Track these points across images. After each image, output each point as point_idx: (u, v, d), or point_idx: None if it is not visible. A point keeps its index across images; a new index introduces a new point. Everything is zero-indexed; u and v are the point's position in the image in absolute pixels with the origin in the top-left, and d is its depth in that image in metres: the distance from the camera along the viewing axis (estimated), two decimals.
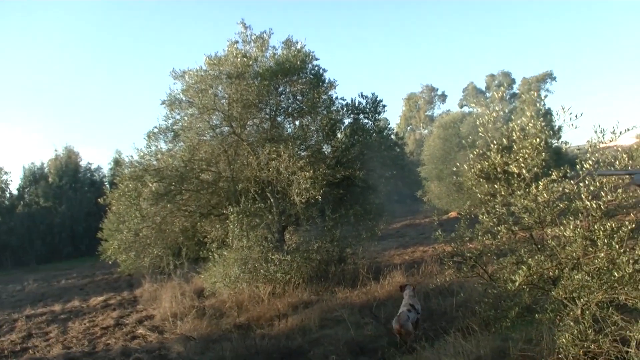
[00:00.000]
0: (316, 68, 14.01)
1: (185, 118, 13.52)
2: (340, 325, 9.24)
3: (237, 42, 13.47)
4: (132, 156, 13.71)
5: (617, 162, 5.73)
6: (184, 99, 13.36)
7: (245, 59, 12.84)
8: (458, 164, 6.91)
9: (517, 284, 5.44)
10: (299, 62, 13.41)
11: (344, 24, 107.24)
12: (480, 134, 6.39)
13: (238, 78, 12.65)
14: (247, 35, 13.61)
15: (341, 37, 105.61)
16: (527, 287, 5.98)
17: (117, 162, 31.38)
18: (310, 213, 13.25)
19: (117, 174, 17.36)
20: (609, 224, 5.49)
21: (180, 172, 12.95)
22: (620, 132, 5.92)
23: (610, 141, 6.02)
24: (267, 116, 14.05)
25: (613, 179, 5.74)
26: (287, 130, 14.44)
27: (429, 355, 6.31)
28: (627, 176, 5.68)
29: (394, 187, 17.58)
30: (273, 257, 12.45)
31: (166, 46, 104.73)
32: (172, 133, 13.54)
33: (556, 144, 29.75)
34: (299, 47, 13.72)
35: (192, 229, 14.45)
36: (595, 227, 5.53)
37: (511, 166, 6.11)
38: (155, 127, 13.37)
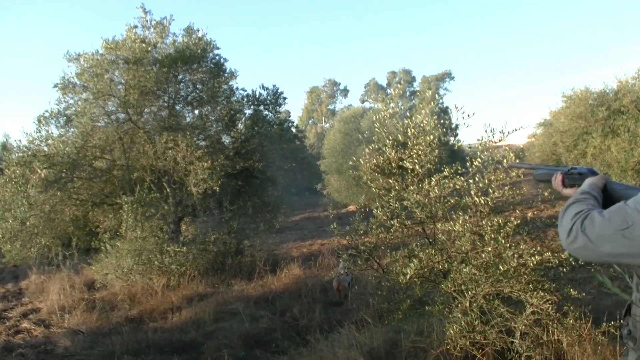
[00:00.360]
0: (217, 57, 13.85)
1: (79, 103, 12.92)
2: (236, 318, 9.18)
3: (136, 27, 13.04)
4: (20, 141, 13.01)
5: (505, 161, 5.96)
6: (78, 83, 12.79)
7: (144, 45, 12.45)
8: (355, 158, 6.99)
9: (408, 276, 5.56)
10: (199, 51, 13.19)
11: (247, 16, 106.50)
12: (377, 129, 6.49)
13: (136, 64, 12.26)
14: (147, 21, 13.23)
15: (244, 30, 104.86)
16: (418, 280, 6.13)
17: (4, 147, 29.79)
18: (208, 204, 13.11)
19: (3, 159, 16.47)
20: (496, 220, 5.70)
21: (72, 158, 12.40)
22: (509, 132, 6.16)
23: (500, 140, 6.25)
24: (166, 104, 13.72)
25: (501, 176, 5.97)
26: (185, 119, 14.17)
27: (323, 348, 6.35)
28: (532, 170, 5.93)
29: (293, 180, 17.67)
30: (168, 248, 12.21)
31: (61, 27, 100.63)
32: (65, 118, 12.91)
33: (453, 142, 30.74)
34: (200, 35, 13.49)
35: (83, 218, 13.90)
36: (483, 222, 5.73)
37: (405, 162, 6.24)
38: (47, 111, 12.74)
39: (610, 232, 1.82)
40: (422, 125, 6.37)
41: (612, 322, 5.25)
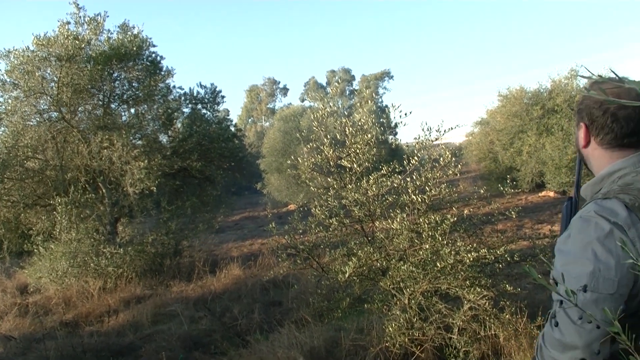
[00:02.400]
0: (153, 55, 13.60)
1: (10, 101, 12.47)
2: (174, 320, 9.04)
3: (68, 22, 12.63)
4: None
5: (442, 159, 6.03)
6: (8, 80, 12.36)
7: (77, 42, 12.08)
8: (292, 157, 6.97)
9: (347, 275, 5.57)
10: (135, 48, 12.92)
11: (184, 14, 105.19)
12: (315, 127, 6.47)
13: (69, 61, 11.91)
14: (80, 17, 12.83)
15: (181, 28, 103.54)
16: (357, 278, 6.15)
17: None
18: (145, 204, 12.88)
19: None
20: (433, 217, 5.77)
21: (3, 158, 11.96)
22: (445, 131, 6.24)
23: (437, 139, 6.33)
24: (100, 102, 13.39)
25: (438, 174, 6.04)
26: (121, 118, 13.86)
27: (263, 348, 6.31)
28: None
29: (232, 179, 17.45)
30: (105, 250, 11.93)
31: None
32: None
33: (391, 141, 31.04)
34: (135, 32, 13.19)
35: (15, 220, 13.43)
36: (421, 220, 5.79)
37: (344, 160, 6.24)
38: None
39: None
40: (360, 123, 6.39)
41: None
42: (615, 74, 1.10)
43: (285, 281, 9.99)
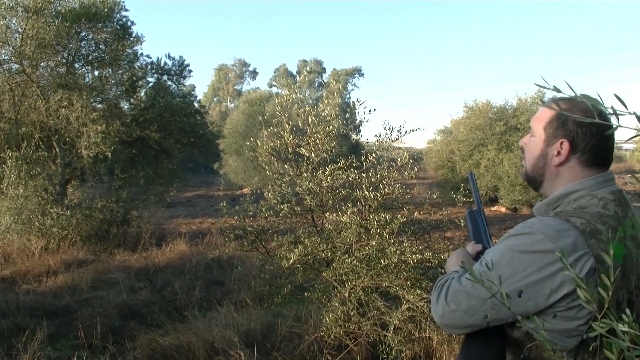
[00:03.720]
0: (124, 19, 13.43)
1: None
2: (114, 288, 8.96)
3: None
4: None
5: (399, 160, 6.09)
6: None
7: None
8: (252, 139, 6.95)
9: (291, 261, 5.58)
10: (106, 10, 12.70)
11: None
12: (278, 112, 6.47)
13: (36, 13, 11.61)
14: None
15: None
16: (301, 266, 6.18)
17: None
18: (98, 169, 12.71)
19: None
20: (383, 216, 5.82)
21: None
22: (406, 132, 6.31)
23: (397, 140, 6.39)
24: (64, 60, 13.12)
25: (393, 174, 6.10)
26: (84, 79, 13.62)
27: (199, 325, 6.30)
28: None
29: (190, 155, 17.33)
30: (51, 210, 11.76)
31: None
32: None
33: (354, 137, 31.18)
34: None
35: None
36: (371, 216, 5.84)
37: (302, 148, 6.26)
38: None
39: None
40: (323, 114, 6.40)
41: None
42: (570, 87, 1.13)
43: (230, 262, 9.98)
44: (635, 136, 1.08)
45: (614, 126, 1.09)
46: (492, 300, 1.50)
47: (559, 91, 1.14)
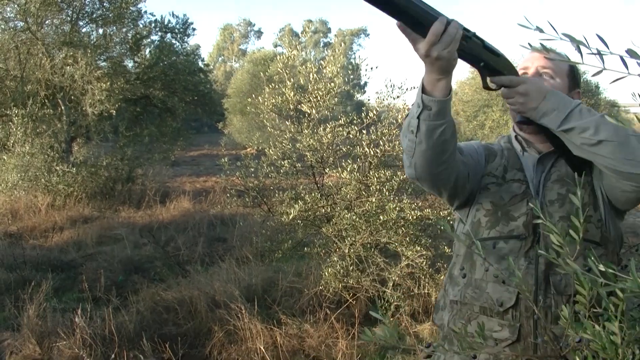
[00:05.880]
0: None
1: None
2: (119, 244, 9.05)
3: None
4: None
5: (400, 117, 6.09)
6: None
7: None
8: (254, 96, 6.97)
9: (291, 216, 5.65)
10: None
11: None
12: (280, 69, 6.47)
13: None
14: None
15: None
16: (302, 222, 6.24)
17: None
18: (103, 127, 12.75)
19: None
20: (383, 173, 5.86)
21: None
22: (407, 89, 6.30)
23: (398, 97, 6.39)
24: (69, 18, 13.06)
25: (394, 131, 6.11)
26: (88, 37, 13.57)
27: (201, 279, 6.38)
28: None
29: (194, 114, 17.33)
30: (57, 167, 11.83)
31: None
32: None
33: (357, 97, 31.09)
34: None
35: None
36: (371, 173, 5.88)
37: (304, 105, 6.27)
38: None
39: None
40: (324, 71, 6.40)
41: None
42: (554, 28, 1.14)
43: (232, 219, 10.06)
44: (620, 78, 1.10)
45: (600, 69, 1.11)
46: None
47: (542, 31, 1.15)
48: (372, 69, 6.86)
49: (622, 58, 1.07)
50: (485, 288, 1.80)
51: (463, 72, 25.87)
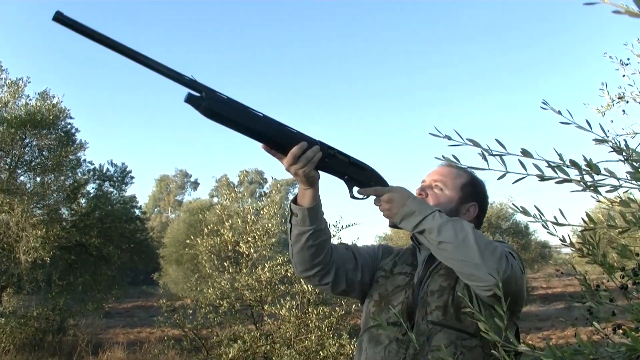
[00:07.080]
0: (69, 126, 13.51)
1: None
2: None
3: None
4: None
5: None
6: None
7: None
8: (192, 237, 7.05)
9: (229, 356, 5.60)
10: (51, 117, 12.80)
11: (107, 96, 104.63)
12: (218, 211, 6.63)
13: None
14: (2, 79, 12.74)
15: (103, 107, 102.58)
16: None
17: None
18: (35, 276, 12.43)
19: None
20: (322, 309, 5.93)
21: None
22: (342, 227, 6.53)
23: (334, 235, 6.57)
24: (7, 166, 13.05)
25: None
26: (26, 185, 13.51)
27: None
28: None
29: (129, 262, 17.10)
30: None
31: None
32: None
33: None
34: (55, 101, 13.07)
35: None
36: (309, 310, 5.94)
37: (241, 245, 6.38)
38: None
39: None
40: (262, 212, 6.59)
41: None
42: (459, 135, 1.30)
43: None
44: (521, 179, 1.25)
45: (504, 172, 1.27)
46: None
47: (450, 139, 1.32)
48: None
49: (520, 160, 1.23)
50: None
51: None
